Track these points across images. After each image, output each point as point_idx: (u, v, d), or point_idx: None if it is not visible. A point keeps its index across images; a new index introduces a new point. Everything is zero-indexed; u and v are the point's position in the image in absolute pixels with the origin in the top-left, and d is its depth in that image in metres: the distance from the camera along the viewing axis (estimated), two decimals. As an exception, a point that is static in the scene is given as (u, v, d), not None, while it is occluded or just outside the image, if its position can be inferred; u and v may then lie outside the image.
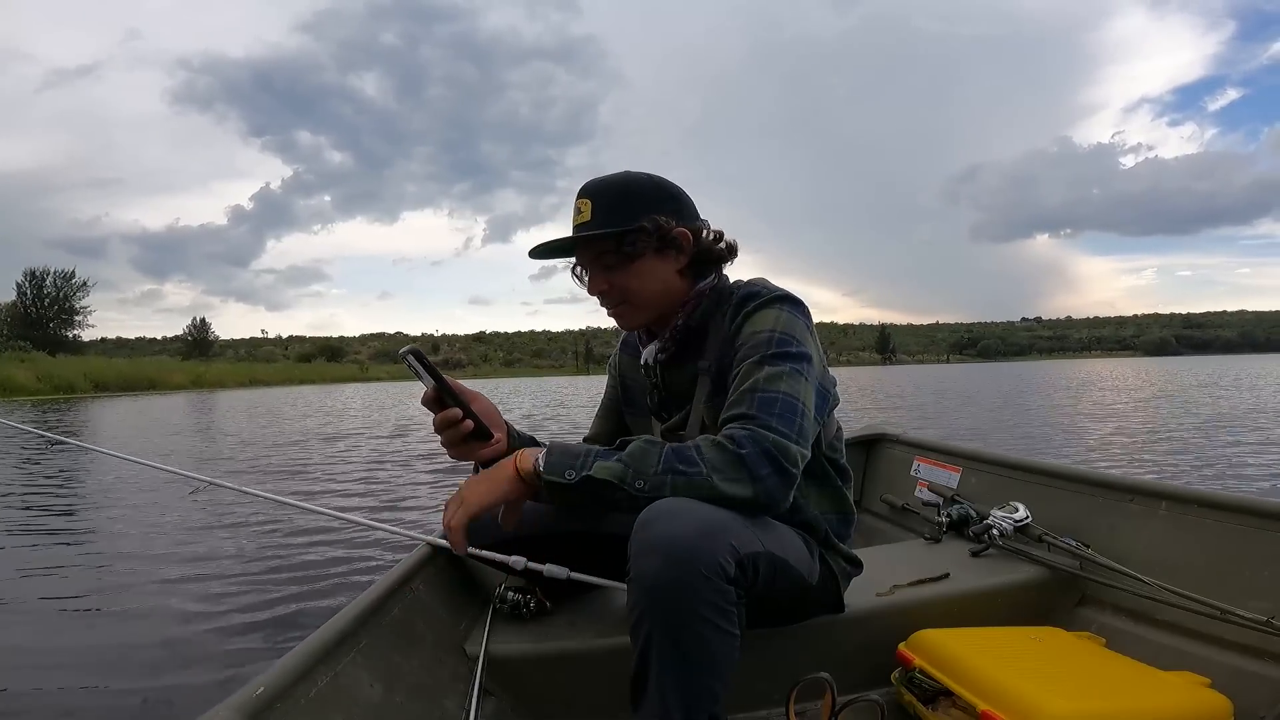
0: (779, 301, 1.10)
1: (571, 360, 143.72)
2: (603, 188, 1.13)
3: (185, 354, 77.71)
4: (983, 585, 1.37)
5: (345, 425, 11.47)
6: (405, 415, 13.46)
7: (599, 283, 1.15)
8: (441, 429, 1.07)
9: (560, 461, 0.96)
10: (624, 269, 1.13)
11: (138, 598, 2.74)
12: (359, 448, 8.05)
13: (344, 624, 0.99)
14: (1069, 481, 1.61)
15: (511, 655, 1.17)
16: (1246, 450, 6.16)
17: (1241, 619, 1.10)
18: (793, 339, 1.06)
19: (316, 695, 0.87)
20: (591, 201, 1.12)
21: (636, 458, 0.95)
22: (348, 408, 17.36)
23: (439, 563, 1.33)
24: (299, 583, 2.85)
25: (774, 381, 1.01)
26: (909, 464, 2.15)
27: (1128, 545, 1.39)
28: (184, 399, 25.05)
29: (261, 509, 4.08)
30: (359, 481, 5.57)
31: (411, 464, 6.40)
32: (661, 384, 1.23)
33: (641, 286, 1.14)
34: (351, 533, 3.50)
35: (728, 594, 0.87)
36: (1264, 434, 7.23)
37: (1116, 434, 7.74)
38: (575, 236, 1.13)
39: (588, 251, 1.15)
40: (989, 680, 1.04)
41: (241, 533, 3.72)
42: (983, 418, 10.44)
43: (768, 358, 1.04)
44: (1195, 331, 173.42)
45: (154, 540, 3.69)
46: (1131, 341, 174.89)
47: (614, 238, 1.11)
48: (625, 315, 1.18)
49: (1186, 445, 6.59)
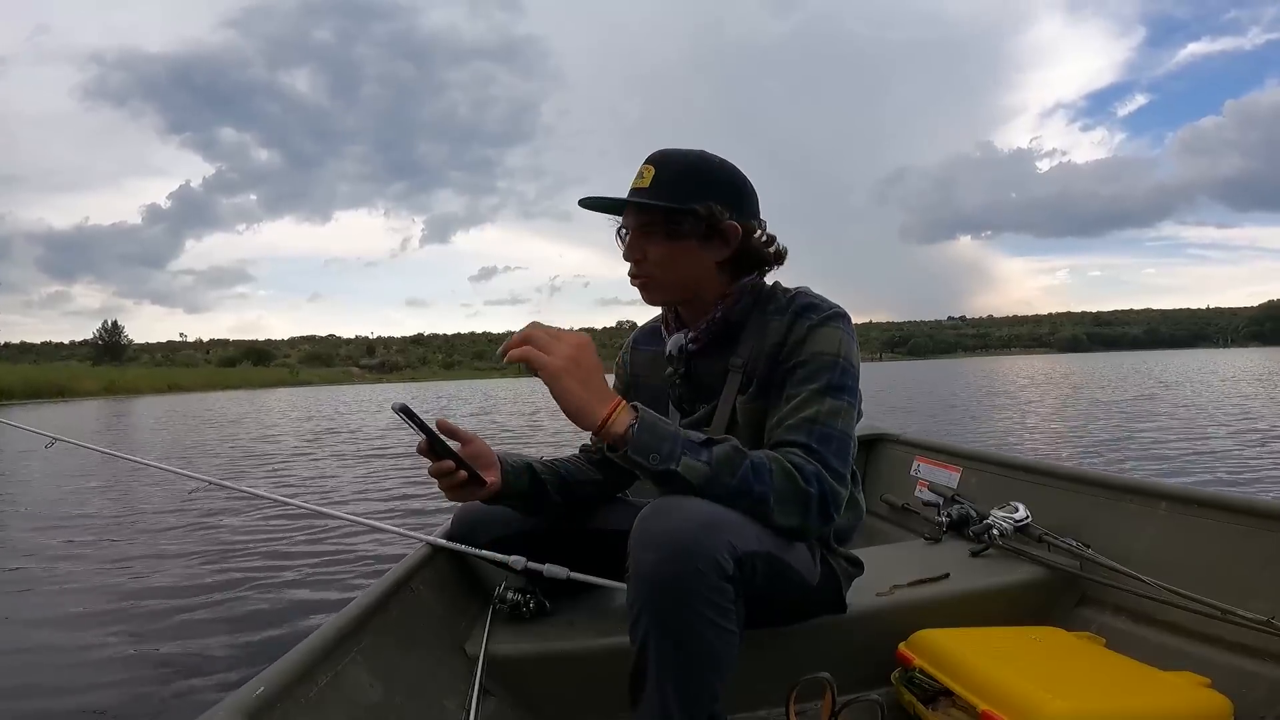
0: (840, 320, 1.10)
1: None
2: (670, 160, 1.12)
3: (95, 359, 73.64)
4: (983, 585, 1.37)
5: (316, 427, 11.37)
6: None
7: (635, 251, 1.13)
8: (437, 477, 1.08)
9: (648, 443, 0.91)
10: (664, 245, 1.12)
11: (137, 598, 2.74)
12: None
13: (344, 624, 0.99)
14: (1069, 481, 1.61)
15: (511, 655, 1.17)
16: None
17: (1241, 619, 1.10)
18: (852, 368, 1.08)
19: (316, 695, 0.87)
20: (655, 169, 1.10)
21: (721, 464, 0.93)
22: (319, 412, 17.23)
23: (439, 563, 1.33)
24: (299, 583, 2.85)
25: (835, 417, 1.03)
26: (909, 464, 2.15)
27: (1128, 545, 1.38)
28: (98, 407, 24.08)
29: (261, 509, 4.08)
30: (358, 481, 5.57)
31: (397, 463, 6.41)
32: (689, 374, 1.21)
33: (674, 268, 1.13)
34: (351, 533, 3.51)
35: (725, 591, 0.87)
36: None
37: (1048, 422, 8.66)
38: (628, 199, 1.11)
39: (635, 217, 1.13)
40: (989, 680, 1.04)
41: (241, 533, 3.72)
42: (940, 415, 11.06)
43: (831, 389, 1.04)
44: (1105, 329, 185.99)
45: (153, 540, 3.69)
46: (1047, 339, 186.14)
47: (664, 212, 1.10)
48: (648, 290, 1.16)
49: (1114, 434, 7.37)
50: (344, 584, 2.80)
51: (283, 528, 3.76)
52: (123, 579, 3.01)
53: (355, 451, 7.92)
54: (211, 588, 2.83)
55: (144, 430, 12.64)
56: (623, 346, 1.40)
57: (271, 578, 2.92)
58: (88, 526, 4.12)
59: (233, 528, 3.83)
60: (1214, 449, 5.95)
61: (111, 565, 3.22)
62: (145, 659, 2.14)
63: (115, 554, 3.43)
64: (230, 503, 4.29)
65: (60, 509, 4.67)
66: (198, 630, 2.36)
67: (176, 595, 2.75)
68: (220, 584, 2.87)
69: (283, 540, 3.52)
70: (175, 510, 4.34)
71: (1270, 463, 5.15)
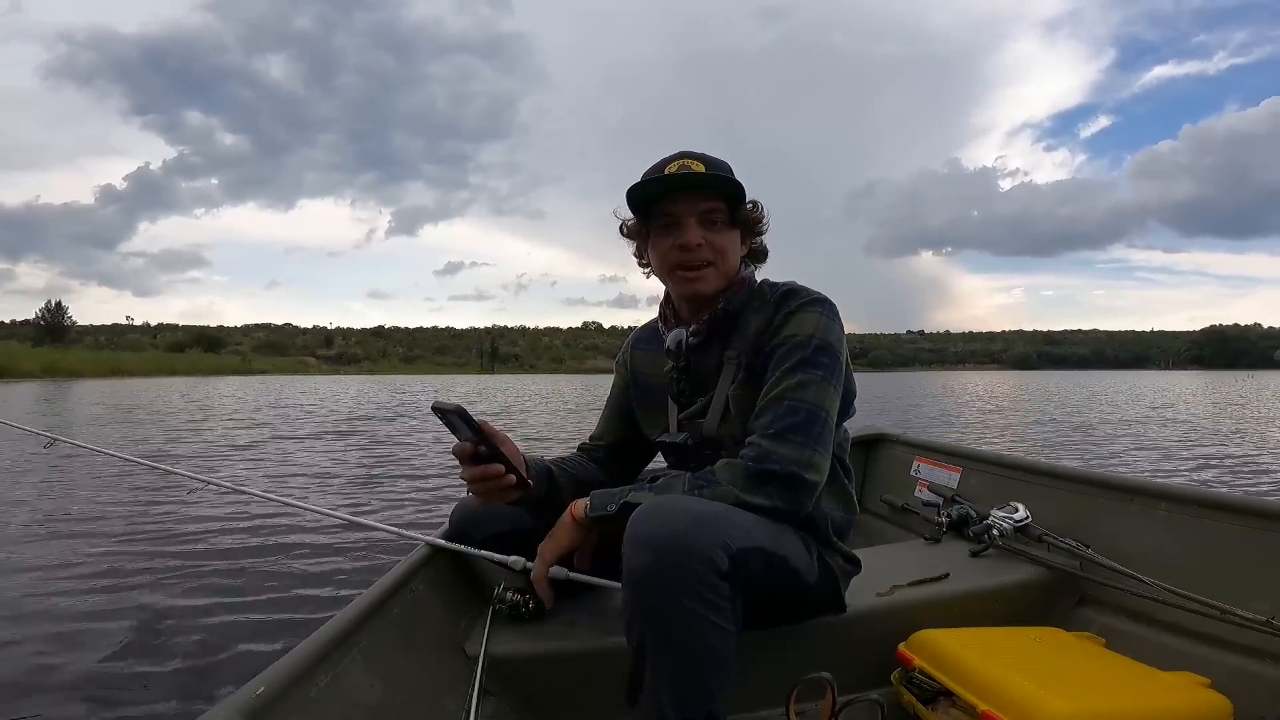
0: (820, 304, 1.13)
1: (476, 358, 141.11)
2: (708, 157, 1.14)
3: (36, 340, 68.99)
4: (983, 585, 1.37)
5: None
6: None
7: (697, 235, 1.13)
8: (479, 480, 1.08)
9: (601, 500, 1.07)
10: (725, 232, 1.14)
11: (136, 598, 2.74)
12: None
13: (344, 624, 0.99)
14: (1069, 481, 1.61)
15: (511, 655, 1.17)
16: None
17: (1241, 619, 1.10)
18: (828, 345, 1.09)
19: (316, 695, 0.87)
20: (703, 162, 1.12)
21: (663, 487, 1.04)
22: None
23: (439, 563, 1.33)
24: (298, 583, 2.85)
25: (804, 389, 1.06)
26: (909, 464, 2.15)
27: (1128, 545, 1.38)
28: (34, 389, 22.87)
29: (260, 509, 4.08)
30: (358, 481, 5.57)
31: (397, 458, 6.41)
32: (688, 369, 1.23)
33: (732, 255, 1.17)
34: (351, 533, 3.50)
35: (720, 588, 0.87)
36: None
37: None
38: (706, 174, 1.11)
39: (695, 203, 1.12)
40: (989, 680, 1.04)
41: (240, 532, 3.72)
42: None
43: (801, 364, 1.07)
44: (1054, 348, 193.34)
45: (151, 540, 3.68)
46: (1000, 355, 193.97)
47: (731, 196, 1.13)
48: (708, 278, 1.16)
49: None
50: (343, 584, 2.80)
51: (282, 528, 3.75)
52: (119, 579, 3.00)
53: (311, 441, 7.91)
54: (210, 588, 2.82)
55: (80, 421, 12.06)
56: (621, 348, 1.41)
57: (270, 578, 2.92)
58: (89, 527, 4.12)
59: (231, 528, 3.82)
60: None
61: (109, 565, 3.22)
62: (145, 659, 2.13)
63: (113, 553, 3.43)
64: (230, 503, 4.29)
65: (61, 509, 4.67)
66: (197, 630, 2.36)
67: (175, 595, 2.75)
68: (219, 584, 2.87)
69: (281, 540, 3.52)
70: (173, 510, 4.34)
71: (1270, 462, 5.16)
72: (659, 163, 1.15)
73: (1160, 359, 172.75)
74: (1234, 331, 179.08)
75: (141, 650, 2.21)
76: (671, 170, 1.12)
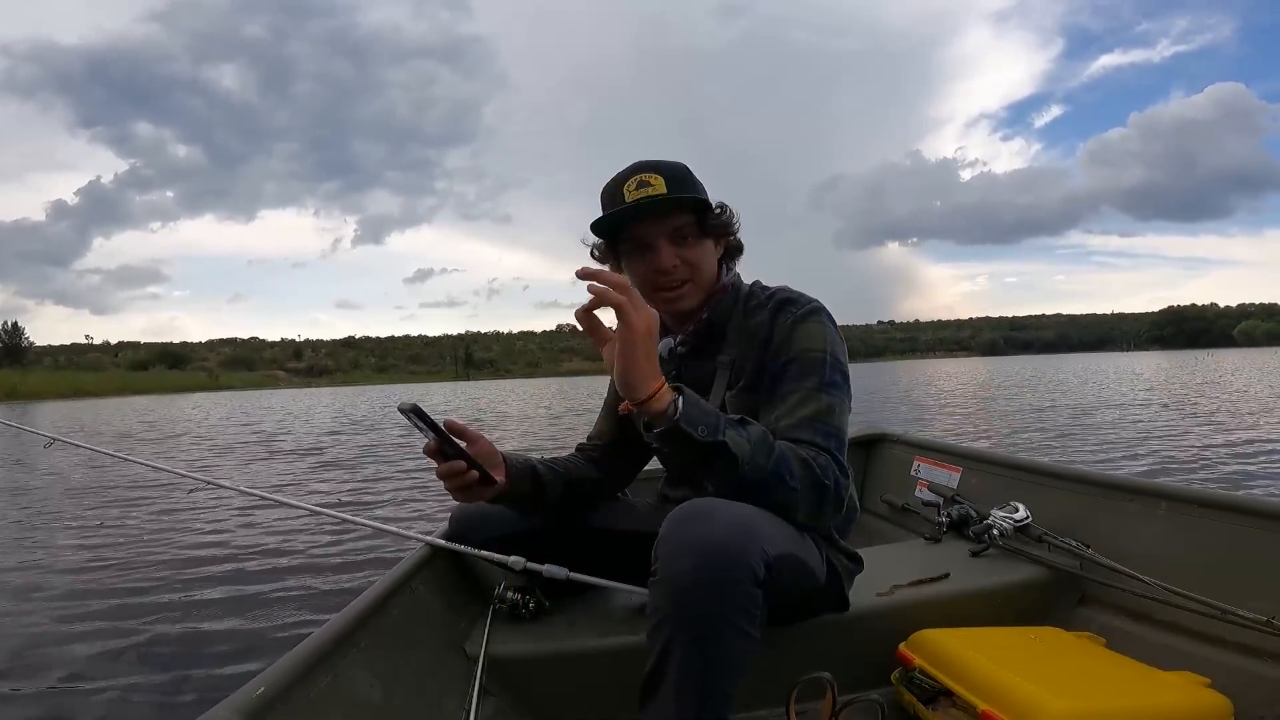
0: (821, 314, 1.12)
1: (450, 365, 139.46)
2: (666, 166, 1.11)
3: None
4: (983, 585, 1.37)
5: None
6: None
7: (670, 256, 1.11)
8: (446, 477, 1.07)
9: (696, 416, 0.91)
10: (697, 245, 1.12)
11: (136, 599, 2.74)
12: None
13: (344, 624, 0.99)
14: (1069, 481, 1.61)
15: (511, 655, 1.17)
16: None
17: (1241, 619, 1.10)
18: (841, 364, 1.09)
19: (316, 695, 0.87)
20: (663, 176, 1.09)
21: (758, 444, 0.95)
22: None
23: (439, 563, 1.33)
24: (299, 583, 2.85)
25: (832, 414, 1.05)
26: (909, 464, 2.15)
27: (1128, 545, 1.38)
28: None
29: (260, 509, 4.08)
30: (357, 481, 5.57)
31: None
32: (679, 377, 1.21)
33: (707, 266, 1.15)
34: (352, 533, 3.50)
35: (755, 597, 0.86)
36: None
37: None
38: (669, 197, 1.08)
39: (662, 224, 1.10)
40: (989, 680, 1.04)
41: (240, 533, 3.72)
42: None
43: (825, 386, 1.06)
44: (1020, 333, 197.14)
45: (151, 540, 3.68)
46: (968, 343, 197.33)
47: (698, 210, 1.10)
48: (685, 296, 1.14)
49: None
50: (343, 584, 2.80)
51: (281, 528, 3.76)
52: (120, 579, 3.00)
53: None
54: (209, 588, 2.82)
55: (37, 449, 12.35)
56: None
57: (270, 578, 2.92)
58: (83, 527, 4.12)
59: (231, 528, 3.83)
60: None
61: (108, 565, 3.22)
62: (144, 659, 2.13)
63: (113, 552, 3.43)
64: (229, 503, 4.29)
65: (62, 509, 4.66)
66: (197, 630, 2.36)
67: (175, 596, 2.75)
68: (218, 584, 2.87)
69: (281, 541, 3.52)
70: (172, 510, 4.34)
71: (1271, 463, 5.16)
72: (616, 179, 1.12)
73: (1123, 340, 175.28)
74: (1192, 312, 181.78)
75: (141, 650, 2.21)
76: (630, 188, 1.09)
